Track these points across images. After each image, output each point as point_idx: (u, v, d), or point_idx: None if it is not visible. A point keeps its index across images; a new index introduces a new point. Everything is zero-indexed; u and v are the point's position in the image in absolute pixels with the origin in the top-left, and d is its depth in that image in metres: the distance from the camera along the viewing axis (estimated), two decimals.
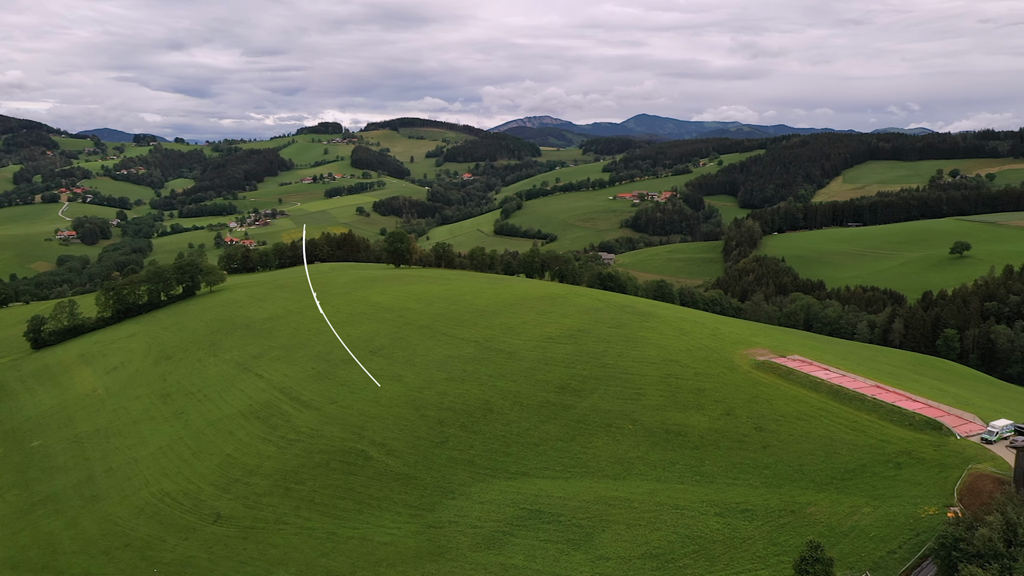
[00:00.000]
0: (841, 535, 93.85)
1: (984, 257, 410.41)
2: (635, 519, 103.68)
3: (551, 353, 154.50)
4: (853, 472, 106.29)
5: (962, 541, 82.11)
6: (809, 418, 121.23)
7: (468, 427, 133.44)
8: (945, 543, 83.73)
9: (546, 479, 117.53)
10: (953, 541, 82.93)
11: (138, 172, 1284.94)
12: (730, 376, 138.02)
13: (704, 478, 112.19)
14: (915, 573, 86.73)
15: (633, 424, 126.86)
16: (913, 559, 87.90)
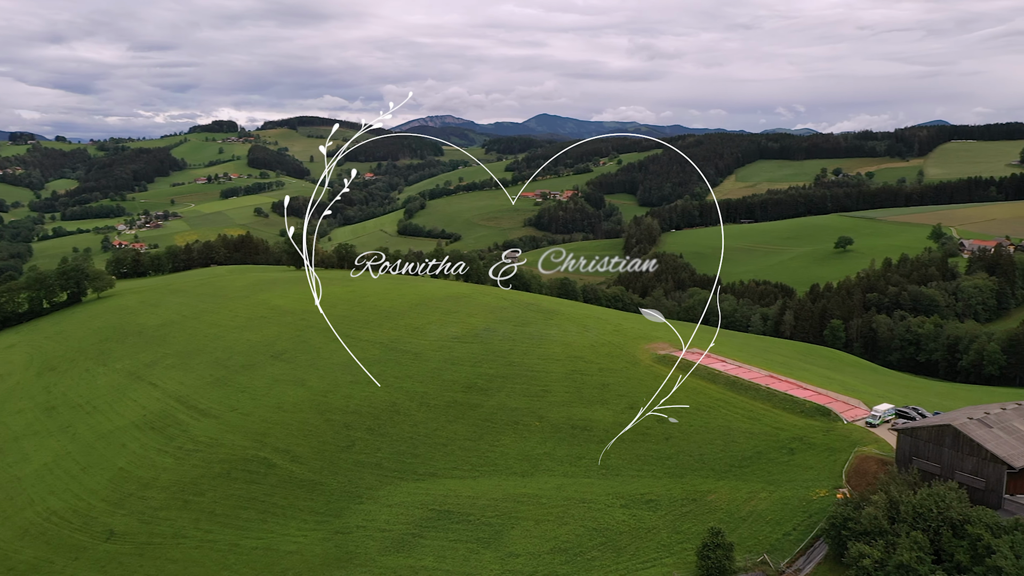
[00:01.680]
0: (740, 520, 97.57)
1: (865, 251, 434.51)
2: (543, 515, 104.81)
3: (457, 353, 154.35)
4: (750, 459, 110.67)
5: (850, 520, 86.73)
6: (708, 409, 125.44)
7: (375, 430, 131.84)
8: (835, 523, 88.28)
9: (454, 479, 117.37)
10: (842, 521, 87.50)
11: (15, 172, 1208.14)
12: (633, 370, 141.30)
13: (609, 471, 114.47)
14: (808, 553, 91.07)
15: (540, 421, 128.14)
16: (806, 540, 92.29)
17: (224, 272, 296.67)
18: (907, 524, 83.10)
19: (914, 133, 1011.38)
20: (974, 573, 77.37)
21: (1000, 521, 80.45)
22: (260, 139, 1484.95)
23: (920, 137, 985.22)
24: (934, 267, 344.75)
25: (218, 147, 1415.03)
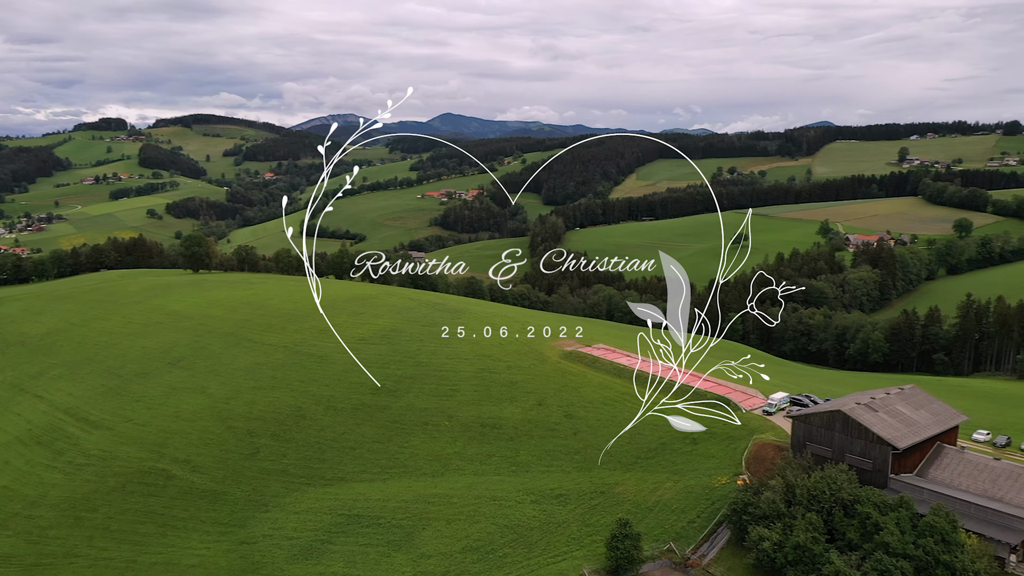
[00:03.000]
0: (647, 510, 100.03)
1: (759, 246, 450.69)
2: (455, 514, 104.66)
3: (364, 354, 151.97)
4: (655, 451, 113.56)
5: (750, 505, 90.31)
6: (615, 403, 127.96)
7: (280, 436, 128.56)
8: (736, 508, 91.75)
9: (364, 482, 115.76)
10: (743, 506, 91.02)
11: None
12: (541, 367, 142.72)
13: (520, 468, 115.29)
14: (712, 539, 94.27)
15: (449, 420, 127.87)
16: (710, 526, 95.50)
17: (115, 277, 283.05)
18: (802, 506, 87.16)
19: (802, 133, 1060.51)
20: (864, 550, 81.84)
21: (887, 500, 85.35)
22: (152, 138, 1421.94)
23: (808, 137, 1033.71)
24: (823, 261, 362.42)
25: (106, 146, 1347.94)
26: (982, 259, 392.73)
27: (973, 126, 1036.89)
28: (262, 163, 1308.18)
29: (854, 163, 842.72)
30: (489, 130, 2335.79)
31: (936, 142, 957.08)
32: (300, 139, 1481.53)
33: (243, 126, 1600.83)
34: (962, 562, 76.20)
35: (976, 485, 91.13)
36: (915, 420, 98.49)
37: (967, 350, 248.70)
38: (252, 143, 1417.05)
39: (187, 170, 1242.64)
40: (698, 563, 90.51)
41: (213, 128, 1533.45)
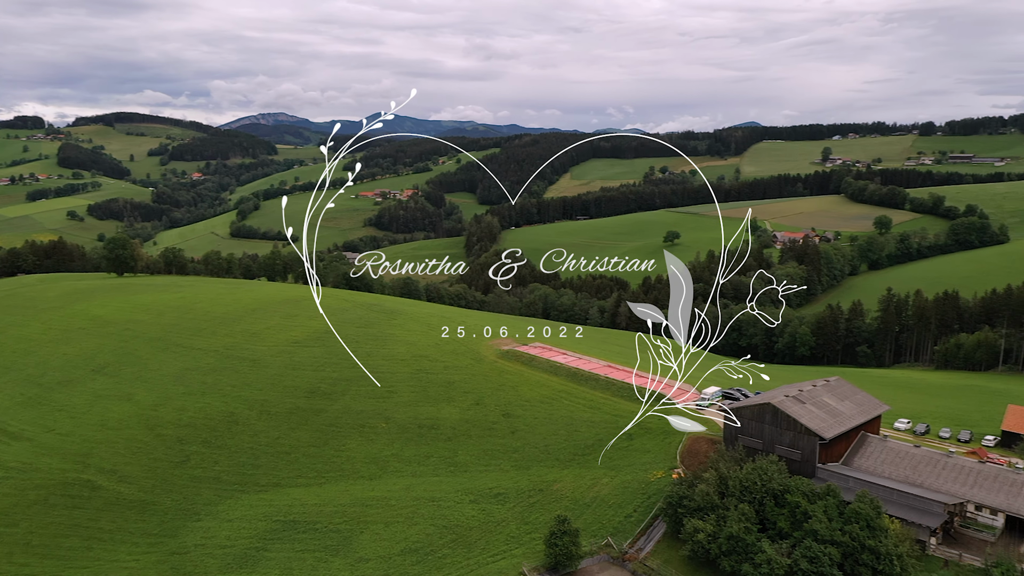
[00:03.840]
0: (584, 507, 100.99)
1: (691, 244, 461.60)
2: (393, 516, 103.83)
3: (298, 357, 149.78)
4: (592, 447, 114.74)
5: (685, 498, 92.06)
6: (551, 401, 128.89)
7: (211, 442, 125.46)
8: (671, 502, 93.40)
9: (300, 487, 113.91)
10: (678, 499, 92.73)
11: None
12: (478, 367, 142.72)
13: (458, 468, 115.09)
14: (649, 532, 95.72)
15: (386, 422, 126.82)
16: (646, 520, 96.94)
17: (34, 281, 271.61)
18: (735, 498, 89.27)
19: (731, 134, 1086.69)
20: (794, 538, 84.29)
21: (815, 488, 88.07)
22: (72, 137, 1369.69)
23: (736, 137, 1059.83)
24: (752, 258, 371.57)
25: (22, 145, 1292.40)
26: (901, 255, 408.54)
27: (891, 127, 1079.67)
28: (189, 163, 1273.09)
29: (780, 162, 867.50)
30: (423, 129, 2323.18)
31: (857, 142, 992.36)
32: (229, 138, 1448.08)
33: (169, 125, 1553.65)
34: (886, 546, 79.15)
35: (898, 472, 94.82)
36: (840, 411, 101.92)
37: (888, 342, 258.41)
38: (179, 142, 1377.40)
39: (110, 170, 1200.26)
40: (635, 556, 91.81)
41: (137, 127, 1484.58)
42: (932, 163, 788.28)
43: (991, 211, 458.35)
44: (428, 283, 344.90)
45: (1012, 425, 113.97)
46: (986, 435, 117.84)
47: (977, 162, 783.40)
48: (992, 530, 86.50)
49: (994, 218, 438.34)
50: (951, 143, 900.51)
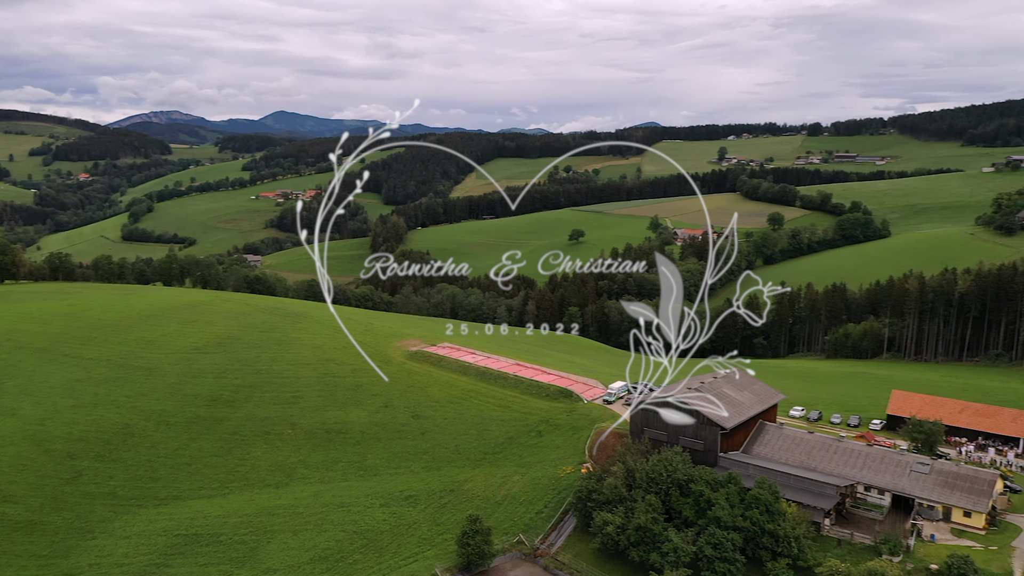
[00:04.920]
0: (496, 505, 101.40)
1: (595, 242, 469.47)
2: (301, 524, 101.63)
3: (198, 365, 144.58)
4: (502, 445, 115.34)
5: (594, 492, 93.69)
6: (461, 401, 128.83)
7: (105, 456, 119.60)
8: (581, 496, 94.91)
9: (202, 499, 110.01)
10: (587, 493, 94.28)
11: None
12: (386, 369, 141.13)
13: (368, 472, 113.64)
14: (559, 527, 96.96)
15: (292, 428, 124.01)
16: (557, 515, 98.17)
17: None
18: (642, 489, 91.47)
19: (632, 133, 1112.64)
20: (699, 525, 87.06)
21: (717, 477, 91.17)
22: None
23: (637, 137, 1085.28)
24: (654, 254, 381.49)
25: None
26: (793, 249, 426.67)
27: (782, 127, 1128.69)
28: (76, 163, 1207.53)
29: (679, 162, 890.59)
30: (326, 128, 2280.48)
31: (751, 142, 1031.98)
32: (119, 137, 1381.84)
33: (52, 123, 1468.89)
34: (784, 529, 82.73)
35: (794, 458, 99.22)
36: (740, 401, 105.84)
37: (783, 333, 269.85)
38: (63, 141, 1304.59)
39: None
40: (547, 552, 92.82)
41: (17, 125, 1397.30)
42: (820, 162, 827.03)
43: (874, 207, 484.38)
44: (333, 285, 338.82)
45: (896, 409, 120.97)
46: (873, 419, 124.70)
47: (860, 161, 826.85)
48: (880, 509, 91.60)
49: (877, 214, 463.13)
50: (837, 143, 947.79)
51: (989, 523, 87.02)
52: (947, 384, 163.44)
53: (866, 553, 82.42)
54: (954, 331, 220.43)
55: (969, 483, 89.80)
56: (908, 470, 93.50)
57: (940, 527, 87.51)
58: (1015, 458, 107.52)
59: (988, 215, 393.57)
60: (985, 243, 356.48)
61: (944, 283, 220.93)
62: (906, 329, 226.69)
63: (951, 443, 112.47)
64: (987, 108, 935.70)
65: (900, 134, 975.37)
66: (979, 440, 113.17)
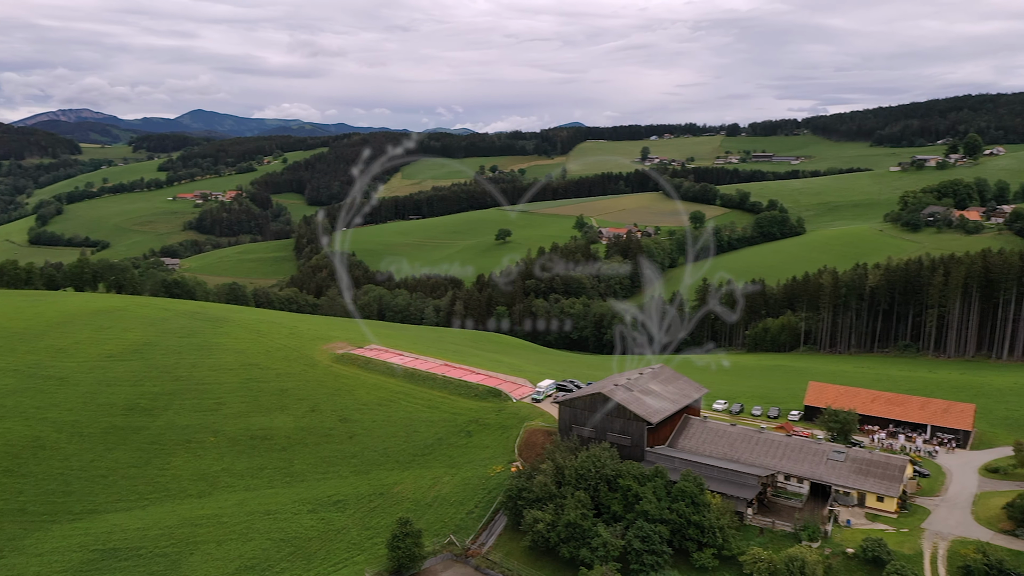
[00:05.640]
0: (426, 507, 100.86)
1: (522, 241, 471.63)
2: (225, 534, 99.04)
3: (113, 373, 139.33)
4: (431, 447, 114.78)
5: (524, 490, 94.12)
6: (389, 403, 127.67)
7: (14, 471, 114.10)
8: (511, 495, 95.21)
9: (120, 512, 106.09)
10: (517, 492, 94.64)
11: None
12: (312, 372, 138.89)
13: (294, 478, 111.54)
14: (490, 527, 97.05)
15: (215, 436, 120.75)
16: (487, 515, 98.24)
17: None
18: (571, 486, 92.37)
19: (556, 133, 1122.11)
20: (627, 519, 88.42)
21: (644, 471, 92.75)
22: None
23: (561, 137, 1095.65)
24: (580, 253, 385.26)
25: None
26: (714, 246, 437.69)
27: (702, 128, 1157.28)
28: None
29: (604, 161, 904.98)
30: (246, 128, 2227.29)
31: (672, 142, 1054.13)
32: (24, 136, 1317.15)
33: None
34: (709, 520, 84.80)
35: (717, 450, 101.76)
36: (665, 396, 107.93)
37: (705, 328, 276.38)
38: None
39: None
40: (478, 552, 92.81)
41: None
42: (738, 162, 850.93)
43: (790, 205, 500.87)
44: (256, 288, 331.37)
45: (813, 400, 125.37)
46: (792, 410, 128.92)
47: (777, 160, 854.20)
48: (799, 497, 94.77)
49: (792, 212, 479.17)
50: (754, 143, 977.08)
51: (900, 507, 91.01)
52: (860, 375, 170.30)
53: (787, 540, 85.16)
54: (866, 324, 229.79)
55: (881, 469, 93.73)
56: (825, 458, 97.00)
57: (855, 512, 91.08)
58: (923, 444, 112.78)
59: (895, 212, 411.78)
60: (893, 239, 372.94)
61: (856, 278, 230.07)
62: (821, 322, 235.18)
63: (864, 431, 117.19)
64: (893, 110, 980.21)
65: (813, 135, 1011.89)
66: (890, 427, 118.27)
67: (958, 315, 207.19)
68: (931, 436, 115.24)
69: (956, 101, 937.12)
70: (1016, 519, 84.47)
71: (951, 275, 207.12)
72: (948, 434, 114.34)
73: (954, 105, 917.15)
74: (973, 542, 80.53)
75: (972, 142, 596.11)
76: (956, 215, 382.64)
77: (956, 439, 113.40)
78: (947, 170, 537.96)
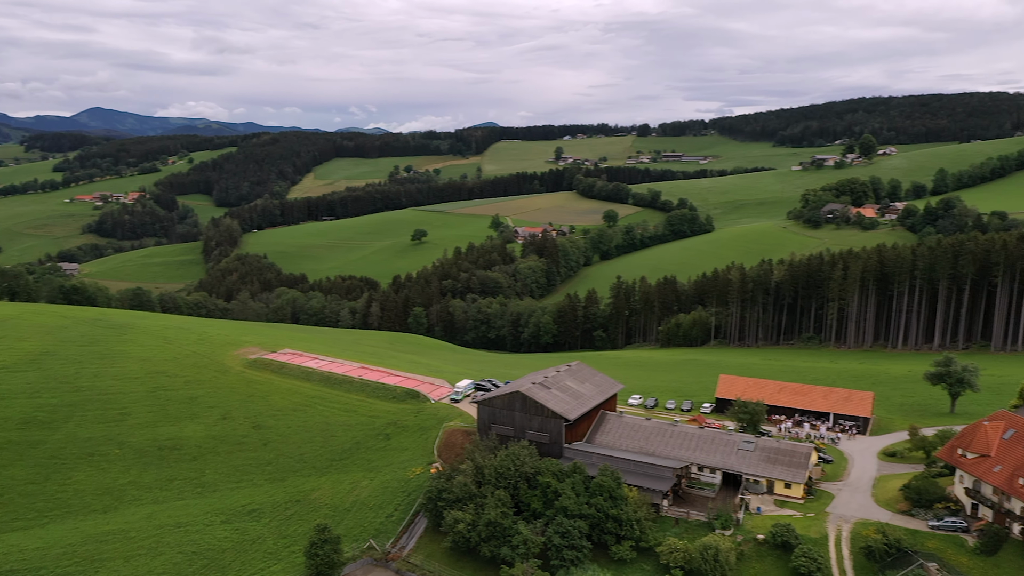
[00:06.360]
0: (345, 512, 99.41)
1: (438, 242, 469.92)
2: (134, 550, 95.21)
3: (7, 385, 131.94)
4: (349, 451, 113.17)
5: (444, 491, 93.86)
6: (305, 408, 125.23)
7: None
8: (431, 496, 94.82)
9: (17, 532, 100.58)
10: (437, 493, 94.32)
11: None
12: (223, 379, 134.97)
13: (206, 488, 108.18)
14: (410, 529, 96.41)
15: (120, 448, 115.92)
16: (407, 518, 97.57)
17: None
18: (491, 485, 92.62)
19: (471, 133, 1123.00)
20: (547, 516, 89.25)
21: (563, 468, 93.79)
22: None
23: (476, 137, 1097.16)
24: (496, 253, 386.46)
25: None
26: (627, 245, 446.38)
27: (614, 128, 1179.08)
28: None
29: (518, 161, 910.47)
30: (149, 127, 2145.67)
31: (585, 142, 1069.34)
32: None
33: None
34: (626, 513, 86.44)
35: (634, 444, 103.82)
36: (582, 393, 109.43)
37: (620, 325, 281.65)
38: None
39: None
40: (399, 555, 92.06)
41: None
42: (649, 161, 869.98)
43: (699, 204, 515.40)
44: (163, 293, 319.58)
45: (724, 392, 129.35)
46: (704, 403, 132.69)
47: (686, 160, 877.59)
48: (712, 487, 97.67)
49: (701, 210, 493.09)
50: (664, 143, 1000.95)
51: (807, 492, 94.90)
52: (767, 367, 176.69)
53: (701, 529, 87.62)
54: (772, 317, 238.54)
55: (788, 457, 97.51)
56: (736, 449, 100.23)
57: (765, 499, 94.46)
58: (827, 431, 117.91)
59: (798, 210, 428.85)
60: (796, 235, 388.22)
61: (762, 274, 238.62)
62: (730, 317, 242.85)
63: (772, 421, 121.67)
64: (794, 112, 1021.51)
65: (720, 135, 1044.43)
66: (796, 417, 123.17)
67: (856, 307, 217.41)
68: (834, 424, 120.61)
69: (852, 103, 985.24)
70: (912, 500, 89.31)
71: (849, 269, 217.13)
72: (849, 421, 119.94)
73: (850, 107, 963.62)
74: (874, 523, 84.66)
75: (867, 143, 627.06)
76: (853, 212, 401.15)
77: (856, 426, 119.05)
78: (844, 169, 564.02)
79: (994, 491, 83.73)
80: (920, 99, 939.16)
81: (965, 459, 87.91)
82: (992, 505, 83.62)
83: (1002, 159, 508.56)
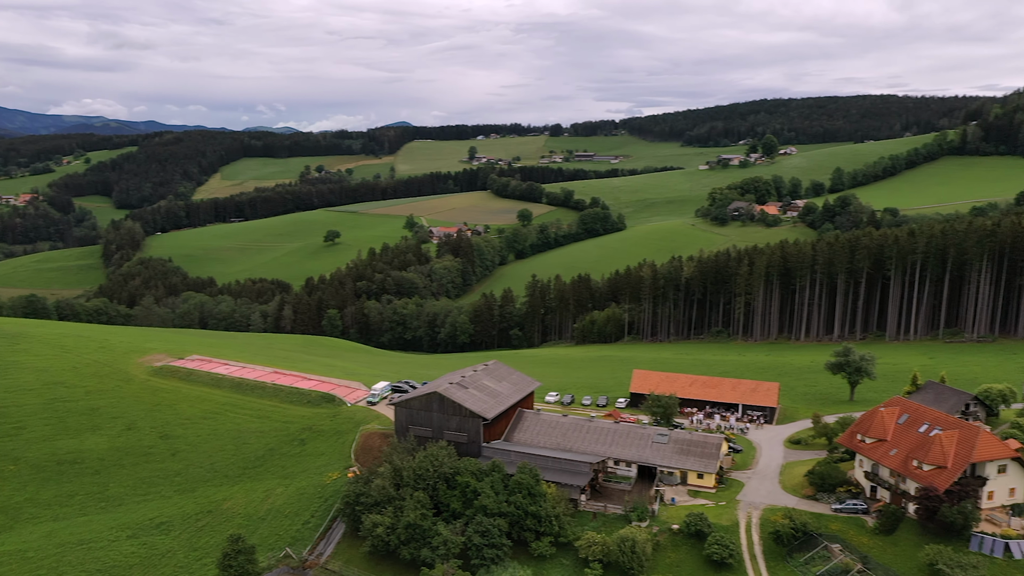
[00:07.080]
0: (259, 520, 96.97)
1: (352, 243, 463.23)
2: (32, 570, 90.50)
3: None
4: (263, 458, 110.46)
5: (362, 495, 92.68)
6: (215, 415, 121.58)
7: None
8: (349, 501, 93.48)
9: None
10: (355, 497, 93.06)
11: None
12: (127, 388, 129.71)
13: (110, 503, 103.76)
14: (328, 535, 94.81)
15: (15, 463, 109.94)
16: (325, 524, 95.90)
17: None
18: (410, 487, 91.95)
19: (384, 133, 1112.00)
20: (467, 516, 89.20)
21: (482, 467, 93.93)
22: None
23: (389, 137, 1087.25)
24: (411, 253, 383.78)
25: None
26: (542, 243, 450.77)
27: (527, 128, 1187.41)
28: None
29: (432, 161, 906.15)
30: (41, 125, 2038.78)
31: (499, 142, 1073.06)
32: None
33: None
34: (545, 510, 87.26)
35: (551, 441, 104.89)
36: (500, 391, 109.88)
37: (536, 324, 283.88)
38: None
39: None
40: (316, 563, 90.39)
41: None
42: (562, 161, 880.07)
43: (611, 202, 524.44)
44: (59, 299, 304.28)
45: (638, 387, 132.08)
46: (619, 398, 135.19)
47: (598, 160, 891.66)
48: (628, 480, 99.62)
49: (613, 208, 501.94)
50: (576, 143, 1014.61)
51: (718, 482, 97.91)
52: (679, 361, 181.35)
53: (618, 522, 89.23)
54: (683, 312, 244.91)
55: (700, 448, 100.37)
56: (650, 442, 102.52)
57: (679, 490, 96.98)
58: (736, 422, 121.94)
59: (705, 208, 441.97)
60: (704, 233, 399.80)
61: (672, 270, 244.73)
62: (643, 313, 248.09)
63: (685, 413, 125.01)
64: (700, 112, 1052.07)
65: (630, 135, 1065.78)
66: (707, 408, 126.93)
67: (762, 301, 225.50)
68: (742, 414, 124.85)
69: (754, 105, 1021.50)
70: (816, 485, 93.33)
71: (755, 265, 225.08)
72: (757, 411, 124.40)
73: (752, 109, 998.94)
74: (781, 509, 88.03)
75: (769, 143, 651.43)
76: (757, 210, 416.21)
77: (764, 416, 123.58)
78: (748, 168, 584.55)
79: (891, 473, 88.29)
80: (817, 101, 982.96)
81: (864, 444, 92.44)
82: (889, 487, 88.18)
83: (893, 158, 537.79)
